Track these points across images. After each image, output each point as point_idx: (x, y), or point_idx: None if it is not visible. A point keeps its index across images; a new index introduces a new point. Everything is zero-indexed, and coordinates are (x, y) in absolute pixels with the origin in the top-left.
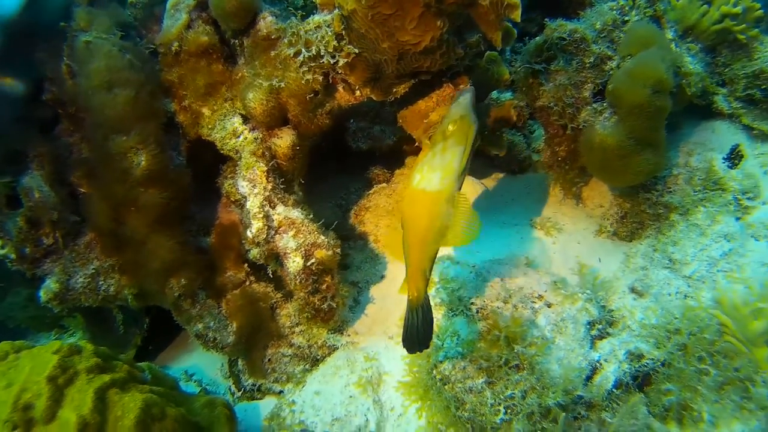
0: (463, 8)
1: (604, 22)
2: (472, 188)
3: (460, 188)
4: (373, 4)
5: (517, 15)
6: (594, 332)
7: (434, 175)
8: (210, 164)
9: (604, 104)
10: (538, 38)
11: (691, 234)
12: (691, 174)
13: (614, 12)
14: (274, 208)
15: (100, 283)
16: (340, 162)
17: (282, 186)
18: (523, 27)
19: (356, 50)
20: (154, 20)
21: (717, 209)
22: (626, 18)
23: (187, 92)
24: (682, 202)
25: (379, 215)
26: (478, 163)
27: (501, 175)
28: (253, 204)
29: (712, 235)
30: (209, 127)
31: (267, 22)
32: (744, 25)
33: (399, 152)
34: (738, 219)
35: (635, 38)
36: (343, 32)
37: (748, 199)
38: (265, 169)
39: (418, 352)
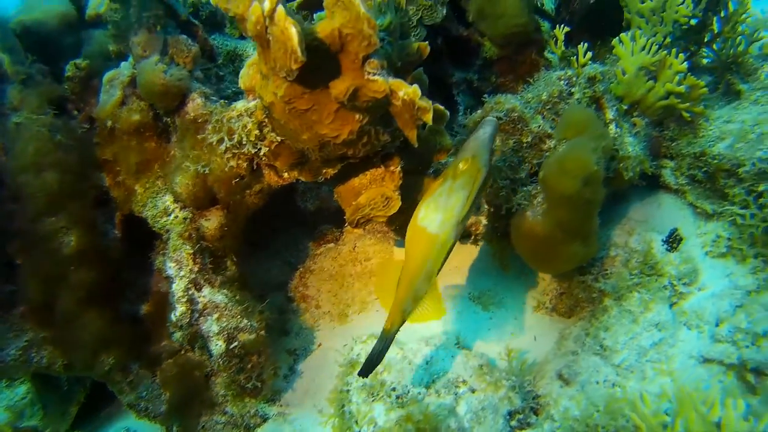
0: (377, 107)
1: (550, 94)
2: None
3: (457, 236)
4: (289, 99)
5: (428, 118)
6: (514, 422)
7: (436, 216)
8: (150, 232)
9: (539, 188)
10: (477, 114)
11: (623, 320)
12: (629, 256)
13: (562, 82)
14: (199, 290)
15: (33, 354)
16: (293, 216)
17: (211, 266)
18: (478, 86)
19: (279, 138)
20: (92, 93)
21: (650, 296)
22: (573, 89)
23: (120, 168)
24: (616, 287)
25: (322, 279)
26: None
27: None
28: (178, 287)
29: (644, 323)
30: (141, 204)
31: (195, 104)
32: (688, 104)
33: None
34: (672, 306)
35: (571, 122)
36: (266, 120)
37: (684, 285)
38: (192, 251)
39: (361, 377)
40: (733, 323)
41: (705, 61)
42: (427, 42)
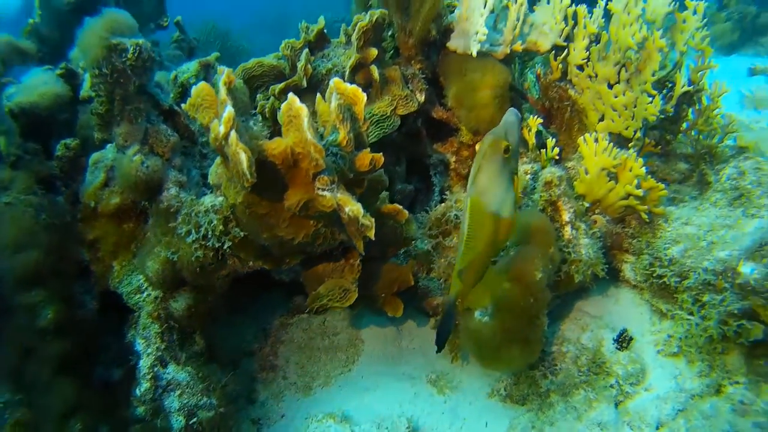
0: (329, 216)
1: None
2: (383, 332)
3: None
4: (248, 204)
5: (371, 234)
6: None
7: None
8: None
9: None
10: (438, 209)
11: (568, 416)
12: (579, 353)
13: (527, 177)
14: (165, 367)
15: (6, 416)
16: (270, 281)
17: (178, 342)
18: (456, 168)
19: (242, 234)
20: (80, 170)
21: (595, 394)
22: (535, 185)
23: (101, 246)
24: (563, 384)
25: (292, 350)
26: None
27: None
28: (144, 363)
29: (587, 422)
30: (117, 280)
31: (170, 194)
32: (646, 207)
33: None
34: (617, 405)
35: (522, 228)
36: (231, 215)
37: (630, 384)
38: (160, 331)
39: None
40: (671, 428)
41: (683, 148)
42: (381, 153)
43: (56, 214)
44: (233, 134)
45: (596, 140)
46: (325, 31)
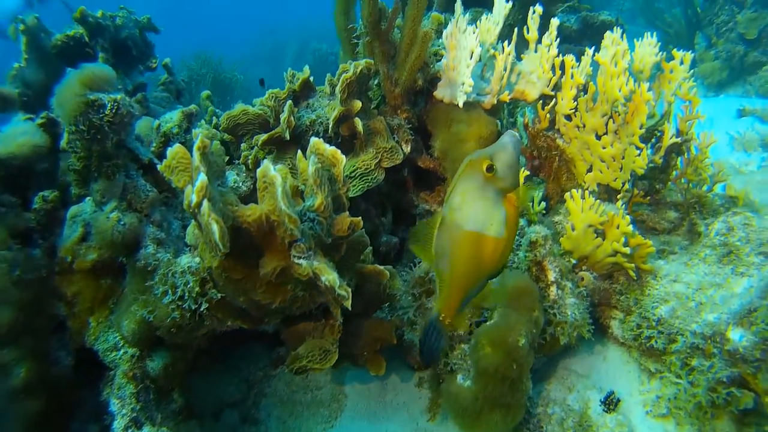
0: (306, 282)
1: None
2: (367, 387)
3: None
4: (224, 269)
5: (347, 304)
6: None
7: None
8: None
9: None
10: (422, 266)
11: None
12: (565, 415)
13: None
14: (139, 429)
15: None
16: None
17: (154, 401)
18: None
19: (219, 295)
20: (58, 222)
21: None
22: (521, 240)
23: (77, 301)
24: None
25: (274, 403)
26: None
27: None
28: (118, 425)
29: None
30: (93, 337)
31: (147, 252)
32: (633, 265)
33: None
34: None
35: (506, 290)
36: (208, 277)
37: None
38: (135, 391)
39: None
40: None
41: (672, 196)
42: (359, 218)
43: (32, 268)
44: (205, 204)
45: (582, 196)
46: (311, 78)
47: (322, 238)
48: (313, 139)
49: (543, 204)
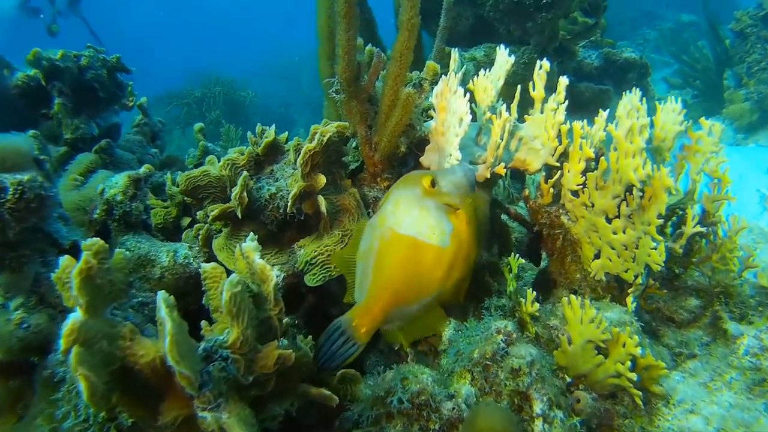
0: None
1: (482, 353)
2: None
3: None
4: (123, 404)
5: None
6: None
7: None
8: None
9: None
10: (387, 375)
11: None
12: None
13: (500, 338)
14: None
15: None
16: None
17: None
18: None
19: (131, 421)
20: None
21: None
22: (507, 350)
23: None
24: None
25: None
26: None
27: None
28: None
29: None
30: None
31: (56, 359)
32: (640, 393)
33: None
34: None
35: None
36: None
37: None
38: None
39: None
40: None
41: (693, 280)
42: (291, 351)
43: None
44: (76, 349)
45: (582, 305)
46: (279, 139)
47: (238, 380)
48: (240, 246)
49: (536, 305)
